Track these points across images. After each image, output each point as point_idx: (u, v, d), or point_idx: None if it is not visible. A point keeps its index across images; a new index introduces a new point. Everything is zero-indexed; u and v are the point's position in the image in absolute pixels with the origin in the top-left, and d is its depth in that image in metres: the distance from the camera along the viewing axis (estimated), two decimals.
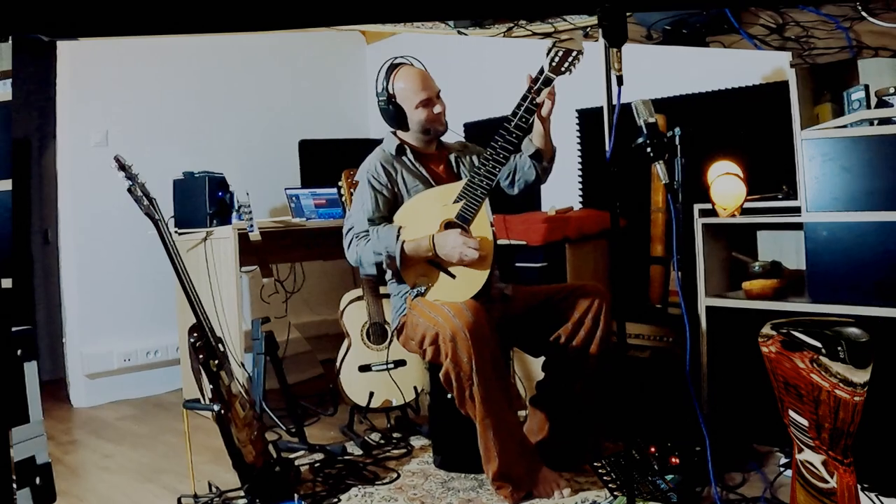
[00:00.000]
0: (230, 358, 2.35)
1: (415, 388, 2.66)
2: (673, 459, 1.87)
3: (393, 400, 2.61)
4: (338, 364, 2.62)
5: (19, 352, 2.66)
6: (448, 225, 2.22)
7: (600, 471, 1.92)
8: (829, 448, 1.30)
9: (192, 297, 2.30)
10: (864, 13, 2.07)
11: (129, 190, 2.17)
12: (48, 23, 2.63)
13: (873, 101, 2.04)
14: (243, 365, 2.77)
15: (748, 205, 2.24)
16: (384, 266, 2.30)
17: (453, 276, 2.27)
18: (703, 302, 2.16)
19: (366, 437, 2.43)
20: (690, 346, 2.12)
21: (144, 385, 3.10)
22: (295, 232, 3.17)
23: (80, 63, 2.94)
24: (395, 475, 2.13)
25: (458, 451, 2.12)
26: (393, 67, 2.37)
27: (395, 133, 2.39)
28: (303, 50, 3.80)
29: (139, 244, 2.94)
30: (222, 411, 2.00)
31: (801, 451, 1.36)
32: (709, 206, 2.22)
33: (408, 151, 2.36)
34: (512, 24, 2.85)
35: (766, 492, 1.76)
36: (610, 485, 1.82)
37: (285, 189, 3.35)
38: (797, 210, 2.09)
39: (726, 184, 2.03)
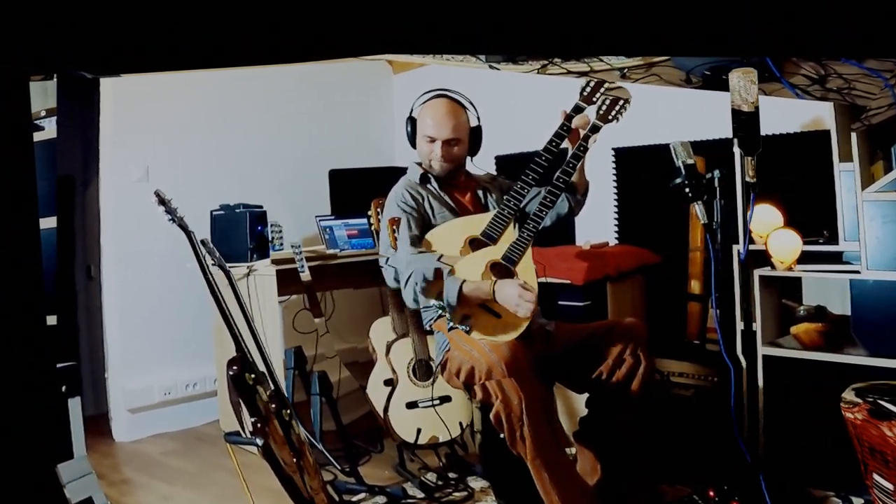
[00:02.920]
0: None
1: (460, 423, 2.71)
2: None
3: (440, 436, 2.66)
4: (385, 401, 2.67)
5: (64, 388, 2.69)
6: (493, 266, 2.26)
7: None
8: None
9: (236, 331, 2.34)
10: None
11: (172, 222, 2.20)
12: (91, 60, 2.67)
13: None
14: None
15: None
16: (419, 291, 2.35)
17: (499, 316, 2.33)
18: (761, 351, 2.23)
19: (422, 478, 2.47)
20: (738, 385, 2.20)
21: (183, 418, 3.12)
22: (331, 265, 3.20)
23: (122, 99, 2.96)
24: None
25: (521, 497, 2.17)
26: (428, 97, 2.44)
27: (419, 163, 2.46)
28: (331, 80, 3.84)
29: (177, 277, 2.97)
30: (294, 459, 2.03)
31: None
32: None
33: (432, 180, 2.43)
34: (546, 62, 2.90)
35: None
36: None
37: (318, 220, 3.39)
38: (839, 256, 2.19)
39: (783, 238, 2.10)
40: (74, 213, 3.11)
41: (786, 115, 2.57)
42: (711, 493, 2.01)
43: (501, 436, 2.20)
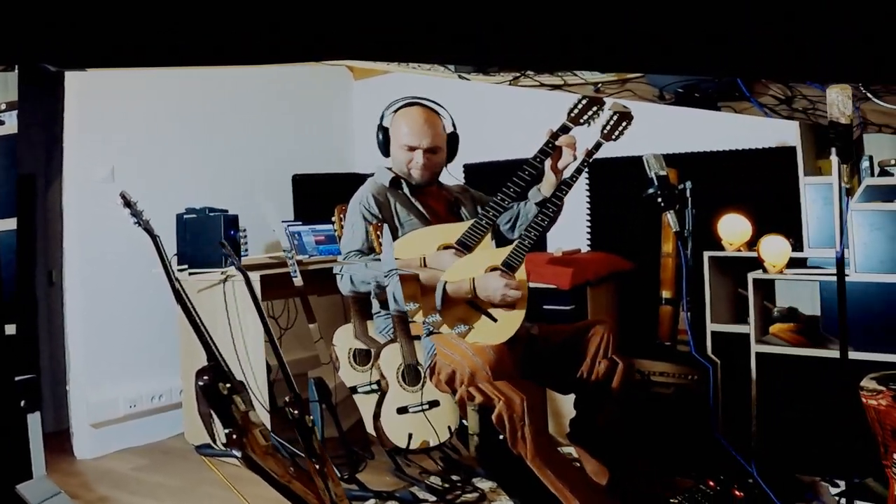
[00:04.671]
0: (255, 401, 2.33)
1: (448, 427, 2.73)
2: (736, 493, 2.07)
3: (430, 441, 2.66)
4: (375, 408, 2.65)
5: (23, 403, 2.51)
6: (493, 270, 2.33)
7: None
8: None
9: (208, 340, 2.27)
10: (868, 94, 2.39)
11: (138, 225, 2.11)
12: (55, 52, 2.52)
13: (876, 169, 2.37)
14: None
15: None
16: (372, 297, 2.38)
17: (495, 320, 2.39)
18: (754, 349, 2.40)
19: (427, 482, 2.47)
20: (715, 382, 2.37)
21: (147, 432, 2.96)
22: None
23: (88, 95, 2.80)
24: None
25: (534, 494, 2.22)
26: (399, 105, 2.45)
27: (390, 168, 2.46)
28: (294, 84, 3.78)
29: (143, 283, 2.82)
30: (317, 466, 1.99)
31: None
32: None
33: (404, 185, 2.44)
34: (519, 74, 2.98)
35: None
36: None
37: (286, 225, 3.33)
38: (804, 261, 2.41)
39: (775, 244, 2.28)
40: (36, 215, 2.90)
41: (755, 132, 2.79)
42: (712, 484, 2.14)
43: (501, 437, 2.26)
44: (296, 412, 2.00)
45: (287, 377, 2.08)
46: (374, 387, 2.58)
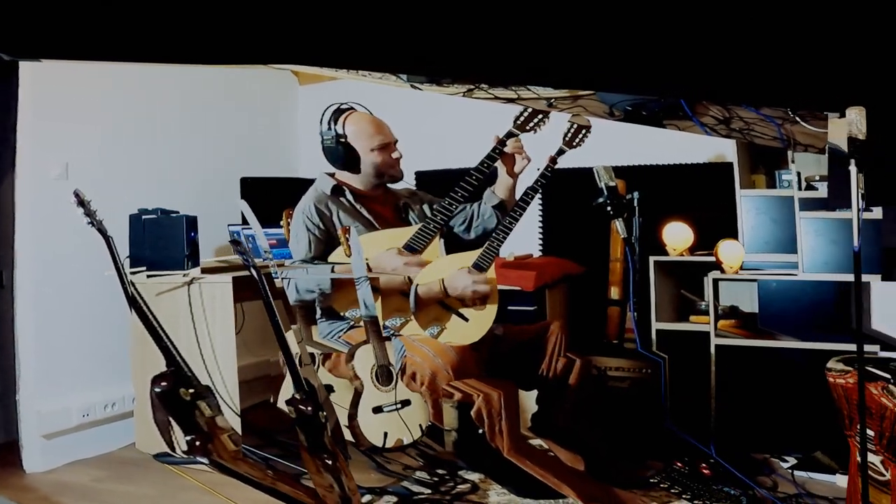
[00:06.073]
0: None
1: (420, 425, 2.80)
2: (705, 471, 2.30)
3: (404, 439, 2.73)
4: (350, 408, 2.68)
5: None
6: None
7: (661, 486, 2.29)
8: (886, 450, 1.82)
9: (169, 344, 2.25)
10: (796, 118, 2.73)
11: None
12: (8, 40, 2.40)
13: (804, 184, 2.72)
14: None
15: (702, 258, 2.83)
16: (316, 303, 2.46)
17: (466, 319, 2.52)
18: (714, 341, 2.65)
19: (415, 476, 2.53)
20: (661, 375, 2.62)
21: (98, 442, 2.82)
22: (244, 276, 3.09)
23: (43, 86, 2.66)
24: None
25: (525, 480, 2.35)
26: (342, 111, 2.50)
27: (332, 174, 2.51)
28: (242, 86, 3.73)
29: (97, 287, 2.70)
30: (329, 461, 2.01)
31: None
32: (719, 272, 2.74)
33: (346, 192, 2.50)
34: (473, 86, 3.12)
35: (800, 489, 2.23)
36: (684, 495, 2.19)
37: (241, 229, 3.29)
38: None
39: (731, 248, 2.55)
40: None
41: (696, 148, 3.08)
42: (679, 465, 2.36)
43: (480, 431, 2.38)
44: (309, 409, 2.02)
45: (295, 376, 2.09)
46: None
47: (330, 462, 1.99)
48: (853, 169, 1.52)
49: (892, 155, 1.86)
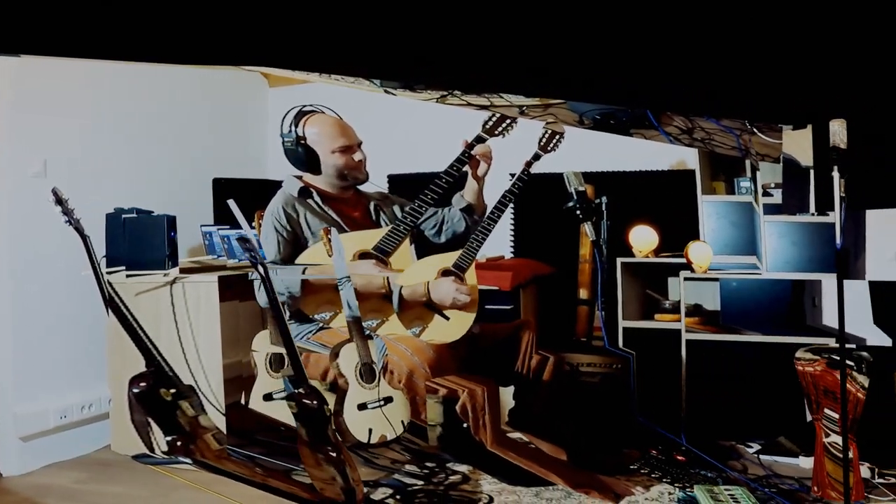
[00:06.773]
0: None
1: (402, 421, 2.87)
2: (679, 457, 2.46)
3: (387, 435, 2.79)
4: (334, 405, 2.72)
5: None
6: (445, 273, 2.53)
7: (642, 472, 2.42)
8: (850, 430, 2.00)
9: (150, 344, 2.27)
10: (754, 129, 2.94)
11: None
12: None
13: (760, 191, 2.93)
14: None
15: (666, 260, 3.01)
16: (286, 307, 2.51)
17: (447, 318, 2.61)
18: (685, 336, 2.82)
19: (403, 469, 2.59)
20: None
21: (75, 444, 2.77)
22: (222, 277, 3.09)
23: (22, 81, 2.61)
24: (487, 498, 2.35)
25: (513, 470, 2.44)
26: (304, 113, 2.53)
27: (299, 177, 2.54)
28: (213, 87, 3.72)
29: (74, 286, 2.67)
30: (334, 454, 2.06)
31: (828, 435, 2.04)
32: (689, 272, 2.90)
33: (314, 194, 2.51)
34: (446, 93, 3.20)
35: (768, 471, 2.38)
36: (664, 479, 2.33)
37: (217, 229, 3.29)
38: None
39: (701, 249, 2.72)
40: None
41: (661, 156, 3.27)
42: (655, 452, 2.51)
43: (465, 425, 2.47)
44: (314, 403, 2.06)
45: (299, 371, 2.14)
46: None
47: (334, 454, 2.04)
48: (835, 175, 1.68)
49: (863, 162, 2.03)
